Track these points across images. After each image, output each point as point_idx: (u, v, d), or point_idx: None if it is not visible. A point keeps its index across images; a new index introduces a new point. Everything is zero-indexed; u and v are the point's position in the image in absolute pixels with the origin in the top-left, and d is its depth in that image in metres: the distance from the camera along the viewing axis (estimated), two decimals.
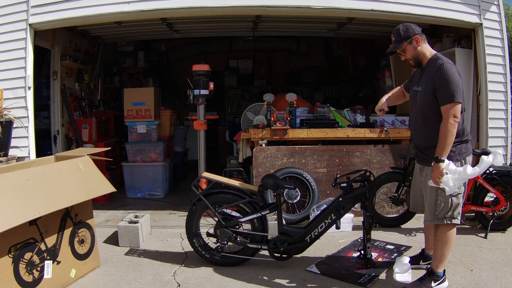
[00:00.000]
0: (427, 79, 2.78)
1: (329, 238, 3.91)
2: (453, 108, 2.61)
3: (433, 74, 2.72)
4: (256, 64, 10.00)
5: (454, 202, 2.75)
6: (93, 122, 5.85)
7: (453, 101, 2.61)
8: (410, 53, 2.86)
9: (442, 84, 2.66)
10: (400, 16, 4.66)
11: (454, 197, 2.74)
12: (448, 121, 2.62)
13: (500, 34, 4.89)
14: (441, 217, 2.76)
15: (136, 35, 6.63)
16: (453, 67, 2.71)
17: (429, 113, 2.78)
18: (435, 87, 2.70)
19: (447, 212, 2.75)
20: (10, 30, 4.42)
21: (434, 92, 2.71)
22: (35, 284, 2.68)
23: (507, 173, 4.02)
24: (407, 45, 2.84)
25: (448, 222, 2.75)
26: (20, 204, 2.50)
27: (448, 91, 2.63)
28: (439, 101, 2.68)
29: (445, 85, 2.64)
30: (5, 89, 4.40)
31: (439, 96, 2.68)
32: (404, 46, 2.85)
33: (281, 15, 5.23)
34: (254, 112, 5.21)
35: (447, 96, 2.63)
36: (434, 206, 2.77)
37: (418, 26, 2.90)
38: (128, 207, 5.22)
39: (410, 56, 2.88)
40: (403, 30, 2.85)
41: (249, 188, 3.35)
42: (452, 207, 2.74)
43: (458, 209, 2.77)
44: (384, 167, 4.59)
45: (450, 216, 2.75)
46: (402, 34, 2.84)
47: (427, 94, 2.76)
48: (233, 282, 3.05)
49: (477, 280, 3.00)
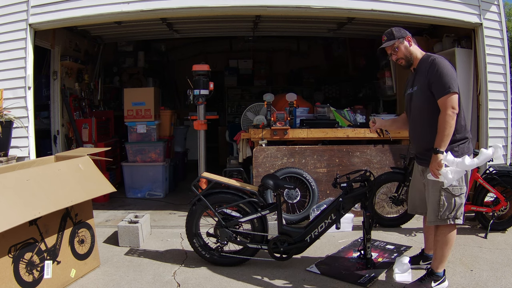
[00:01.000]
0: (421, 77, 2.80)
1: (329, 238, 3.91)
2: (449, 99, 2.61)
3: (427, 70, 2.74)
4: (256, 64, 10.00)
5: (458, 203, 2.74)
6: (93, 122, 5.85)
7: (449, 92, 2.62)
8: (402, 52, 2.87)
9: (436, 77, 2.67)
10: (400, 16, 4.67)
11: (457, 197, 2.74)
12: (446, 113, 2.61)
13: (500, 34, 4.89)
14: (444, 218, 2.75)
15: (136, 35, 6.63)
16: (445, 61, 2.73)
17: (427, 111, 2.76)
18: (429, 82, 2.71)
19: (450, 212, 2.74)
20: (10, 30, 4.42)
21: (429, 87, 2.72)
22: (35, 284, 2.68)
23: (507, 173, 4.02)
24: (399, 44, 2.86)
25: (451, 222, 2.75)
26: (20, 204, 2.50)
27: (443, 83, 2.64)
28: (435, 95, 2.68)
29: (439, 78, 2.66)
30: (5, 89, 4.40)
31: (434, 89, 2.69)
32: (396, 44, 2.86)
33: (281, 15, 5.23)
34: (254, 112, 5.21)
35: (442, 88, 2.64)
36: (437, 207, 2.76)
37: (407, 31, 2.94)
38: (128, 207, 5.22)
39: (402, 55, 2.88)
40: (396, 30, 2.89)
41: (249, 188, 3.35)
42: (455, 207, 2.74)
43: (461, 209, 2.76)
44: (384, 167, 4.59)
45: (454, 217, 2.75)
46: (395, 33, 2.87)
47: (423, 90, 2.76)
48: (233, 282, 3.05)
49: (477, 280, 3.00)
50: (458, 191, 2.74)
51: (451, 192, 2.73)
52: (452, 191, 2.73)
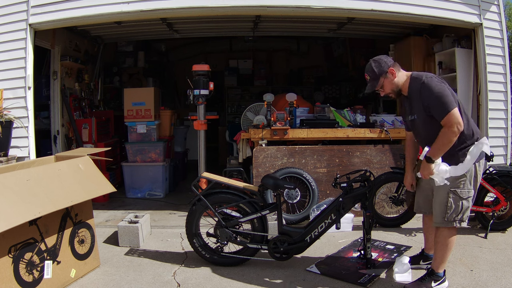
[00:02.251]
0: (416, 104, 2.76)
1: (329, 238, 3.91)
2: (452, 117, 2.58)
3: (420, 96, 2.70)
4: (256, 64, 10.01)
5: (465, 205, 2.74)
6: (93, 122, 5.85)
7: (449, 111, 2.58)
8: (389, 87, 2.84)
9: (431, 101, 2.64)
10: (400, 16, 4.67)
11: (465, 200, 2.73)
12: (451, 129, 2.58)
13: (500, 34, 4.89)
14: (451, 220, 2.75)
15: (136, 35, 6.64)
16: (433, 80, 2.69)
17: (433, 130, 2.70)
18: (427, 106, 2.68)
19: (457, 215, 2.74)
20: (10, 30, 4.42)
21: (428, 111, 2.69)
22: (35, 284, 2.68)
23: (507, 173, 4.01)
24: (383, 81, 2.81)
25: (457, 225, 2.75)
26: (20, 204, 2.50)
27: (441, 104, 2.61)
28: (437, 118, 2.65)
29: (435, 101, 2.62)
30: (5, 89, 4.40)
31: (434, 113, 2.65)
32: (381, 83, 2.82)
33: (281, 15, 5.23)
34: (254, 112, 5.21)
35: (442, 110, 2.60)
36: (444, 208, 2.75)
37: (389, 57, 2.88)
38: (128, 207, 5.22)
39: (389, 90, 2.85)
40: (376, 66, 2.81)
41: (249, 188, 3.35)
42: (462, 210, 2.74)
43: (467, 213, 2.76)
44: (384, 167, 4.59)
45: (460, 219, 2.74)
46: (376, 70, 2.80)
47: (423, 115, 2.73)
48: (233, 282, 3.05)
49: (477, 280, 3.00)
50: (466, 194, 2.74)
51: (459, 194, 2.72)
52: (460, 193, 2.72)
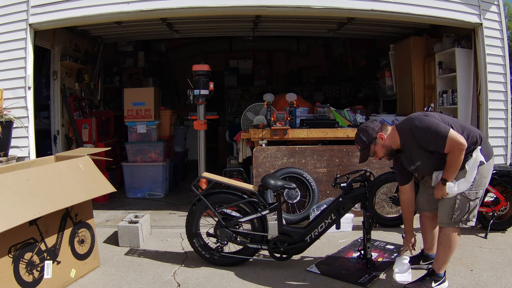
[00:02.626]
0: (415, 150, 2.74)
1: (329, 238, 3.91)
2: (452, 141, 2.57)
3: (415, 141, 2.70)
4: (256, 64, 10.01)
5: (472, 206, 2.75)
6: (93, 122, 5.85)
7: (447, 138, 2.58)
8: (381, 151, 2.85)
9: (426, 137, 2.65)
10: (400, 16, 4.67)
11: (472, 201, 2.74)
12: (456, 153, 2.58)
13: (500, 34, 4.89)
14: (457, 221, 2.75)
15: (136, 35, 6.64)
16: (417, 117, 2.72)
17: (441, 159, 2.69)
18: (426, 146, 2.67)
19: (463, 215, 2.74)
20: (10, 30, 4.42)
21: (428, 148, 2.68)
22: (35, 284, 2.68)
23: (507, 173, 4.01)
24: (374, 148, 2.84)
25: (463, 225, 2.75)
26: (20, 204, 2.50)
27: (436, 137, 2.61)
28: (439, 150, 2.64)
29: (429, 135, 2.63)
30: (5, 89, 4.40)
31: (435, 148, 2.65)
32: (373, 150, 2.84)
33: (281, 15, 5.23)
34: (254, 112, 5.21)
35: (439, 141, 2.60)
36: (451, 210, 2.75)
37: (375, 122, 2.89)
38: (128, 207, 5.22)
39: (382, 154, 2.86)
40: (364, 135, 2.83)
41: (249, 188, 3.35)
42: (469, 210, 2.74)
43: (474, 212, 2.77)
44: (384, 167, 4.58)
45: (466, 219, 2.75)
46: (366, 139, 2.83)
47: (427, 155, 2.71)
48: (233, 282, 3.05)
49: (477, 280, 3.00)
50: (474, 195, 2.74)
51: (467, 196, 2.73)
52: (468, 195, 2.73)
